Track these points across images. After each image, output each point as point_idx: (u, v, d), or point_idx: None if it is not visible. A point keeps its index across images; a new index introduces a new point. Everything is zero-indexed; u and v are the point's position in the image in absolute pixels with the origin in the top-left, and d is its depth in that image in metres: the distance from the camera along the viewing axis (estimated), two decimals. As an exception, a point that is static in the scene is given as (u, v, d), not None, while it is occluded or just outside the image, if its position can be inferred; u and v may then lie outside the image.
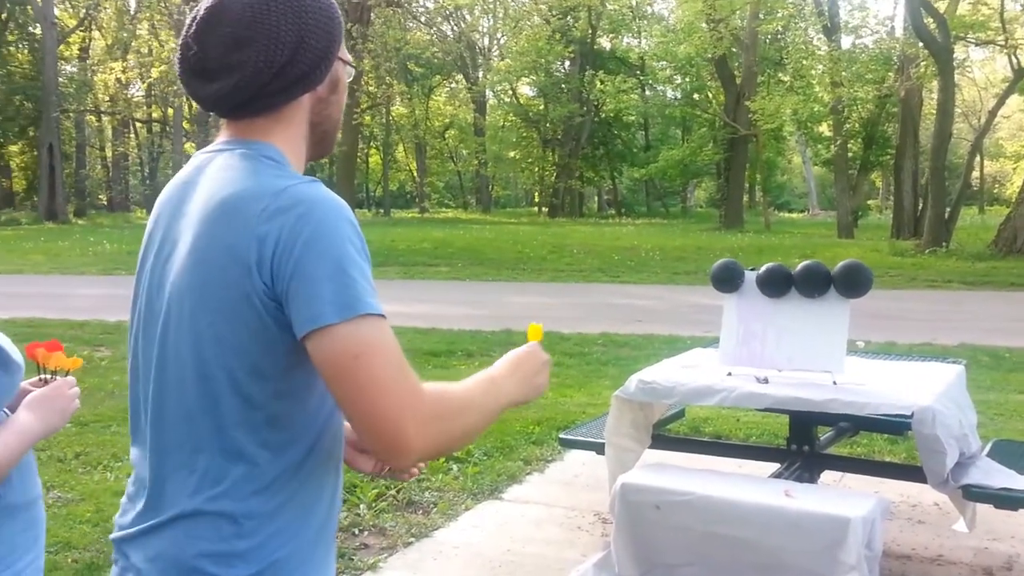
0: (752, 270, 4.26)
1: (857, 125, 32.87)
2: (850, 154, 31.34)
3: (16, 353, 1.73)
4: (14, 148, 40.92)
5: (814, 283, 4.06)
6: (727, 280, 4.26)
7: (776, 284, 4.15)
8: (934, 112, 22.98)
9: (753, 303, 4.20)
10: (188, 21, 1.37)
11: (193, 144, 40.95)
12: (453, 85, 50.01)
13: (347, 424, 1.36)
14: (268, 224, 1.23)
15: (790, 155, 50.77)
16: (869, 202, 44.34)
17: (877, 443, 5.42)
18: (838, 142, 28.24)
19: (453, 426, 1.31)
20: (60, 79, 37.38)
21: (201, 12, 1.35)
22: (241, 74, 1.31)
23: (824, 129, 35.89)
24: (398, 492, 4.69)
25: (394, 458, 1.26)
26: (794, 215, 49.39)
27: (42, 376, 1.80)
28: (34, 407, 1.74)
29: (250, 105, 1.35)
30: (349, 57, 1.46)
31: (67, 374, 1.83)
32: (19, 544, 1.74)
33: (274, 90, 1.34)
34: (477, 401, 1.37)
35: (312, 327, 1.21)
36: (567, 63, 44.33)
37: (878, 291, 14.30)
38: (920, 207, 23.74)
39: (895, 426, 3.80)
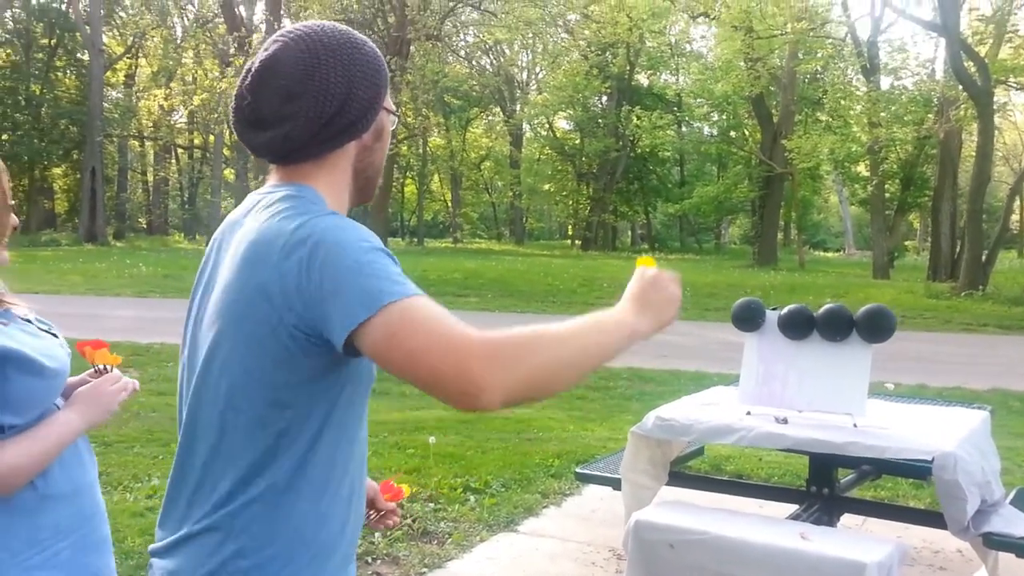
0: (774, 310, 4.24)
1: (895, 166, 32.65)
2: (887, 194, 31.11)
3: (52, 359, 1.81)
4: (58, 170, 41.79)
5: (836, 326, 4.03)
6: (748, 319, 4.24)
7: (798, 326, 4.12)
8: (973, 154, 22.77)
9: (774, 343, 4.17)
10: (243, 73, 1.45)
11: (232, 170, 41.58)
12: (490, 118, 50.42)
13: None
14: (287, 261, 1.30)
15: (827, 194, 50.50)
16: (907, 243, 43.93)
17: (902, 487, 5.33)
18: (875, 182, 28.05)
19: (531, 357, 1.27)
20: (105, 104, 38.19)
21: (256, 65, 1.42)
22: (292, 124, 1.39)
23: (862, 169, 35.68)
24: (414, 522, 4.69)
25: (476, 400, 1.24)
26: (829, 254, 49.04)
27: (96, 368, 1.94)
28: (76, 403, 1.87)
29: (299, 153, 1.42)
30: (393, 106, 1.53)
31: (111, 370, 1.96)
32: (62, 528, 1.79)
33: (322, 139, 1.41)
34: (561, 335, 1.33)
35: (349, 329, 1.25)
36: (604, 98, 44.52)
37: (911, 333, 14.26)
38: (957, 249, 23.49)
39: (918, 471, 3.74)
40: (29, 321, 1.86)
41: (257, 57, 1.44)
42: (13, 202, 1.93)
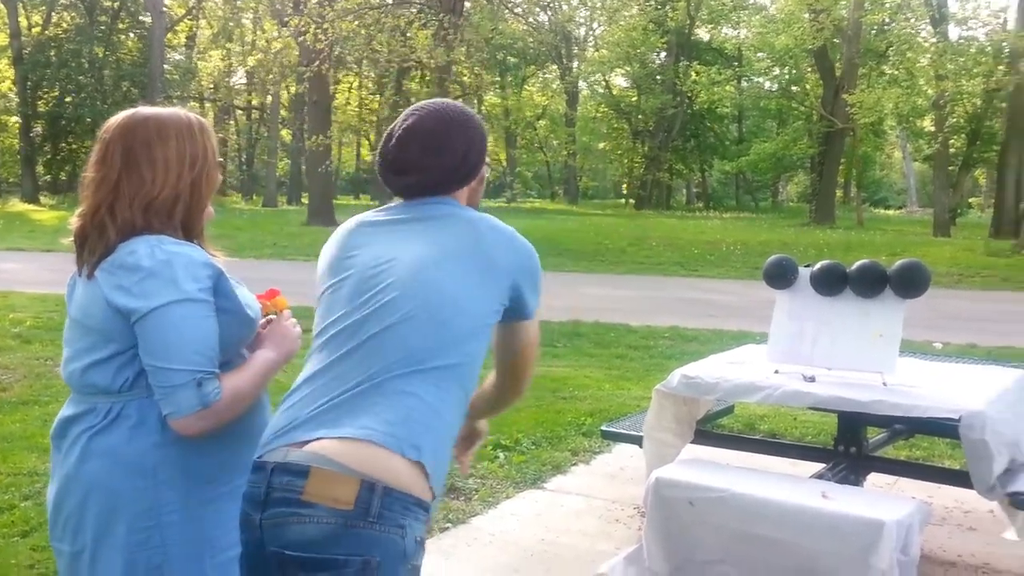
0: (807, 267, 4.16)
1: (961, 120, 31.64)
2: (953, 150, 30.21)
3: (252, 309, 2.05)
4: (120, 133, 42.38)
5: (869, 282, 3.95)
6: (779, 276, 4.18)
7: (830, 282, 4.05)
8: (1043, 108, 21.96)
9: (806, 300, 4.10)
10: (387, 136, 2.02)
11: (289, 131, 41.92)
12: (546, 75, 49.95)
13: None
14: (515, 254, 1.94)
15: (890, 150, 49.25)
16: (971, 200, 42.71)
17: (937, 447, 5.24)
18: (940, 138, 27.23)
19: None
20: (166, 66, 38.64)
21: (399, 131, 1.99)
22: (428, 173, 1.95)
23: (927, 123, 34.67)
24: (442, 477, 4.73)
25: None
26: (890, 212, 47.92)
27: (268, 316, 2.16)
28: (267, 342, 2.10)
29: (433, 192, 1.97)
30: (490, 160, 2.11)
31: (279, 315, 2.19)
32: (243, 464, 1.90)
33: (450, 182, 1.97)
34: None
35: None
36: (662, 54, 43.78)
37: (967, 291, 13.92)
38: (1022, 206, 22.76)
39: (948, 430, 3.65)
40: None
41: (398, 125, 2.00)
42: (220, 159, 2.10)
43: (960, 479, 3.70)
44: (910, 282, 3.88)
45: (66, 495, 1.96)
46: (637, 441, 4.26)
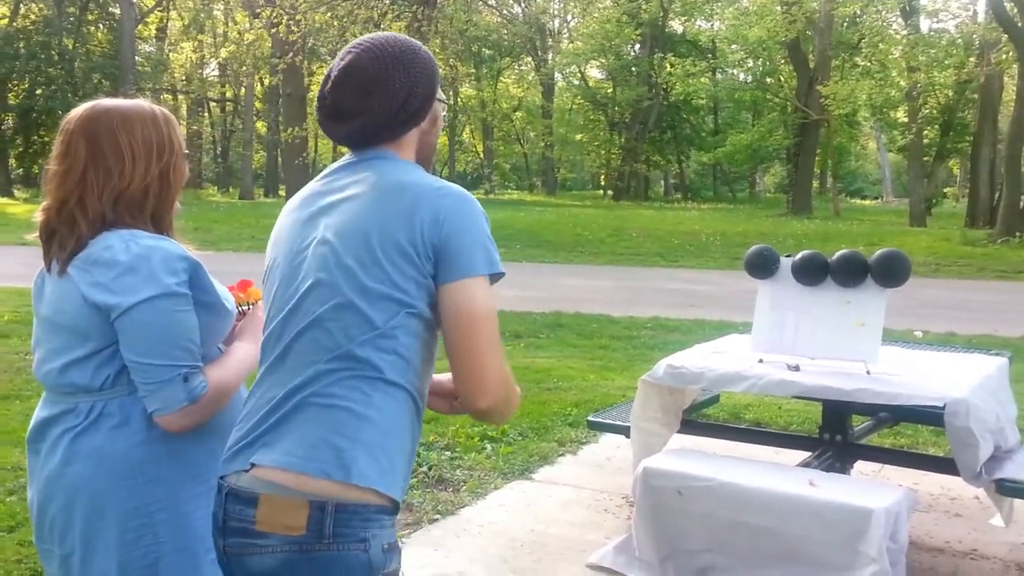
0: (788, 257, 4.18)
1: (934, 111, 31.91)
2: (926, 141, 30.47)
3: (229, 303, 2.04)
4: (92, 126, 41.92)
5: (850, 272, 3.98)
6: (761, 266, 4.20)
7: (811, 272, 4.07)
8: (1015, 99, 22.19)
9: (787, 290, 4.13)
10: (324, 79, 1.79)
11: (264, 123, 41.64)
12: (522, 67, 49.88)
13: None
14: (439, 201, 1.64)
15: (865, 140, 49.60)
16: (946, 190, 43.14)
17: (922, 434, 5.29)
18: (913, 128, 27.47)
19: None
20: (137, 58, 38.23)
21: (335, 72, 1.76)
22: (367, 118, 1.73)
23: (900, 115, 34.94)
24: (430, 469, 4.74)
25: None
26: (866, 202, 48.31)
27: (241, 309, 2.15)
28: (244, 334, 2.10)
29: (375, 139, 1.77)
30: (444, 96, 1.86)
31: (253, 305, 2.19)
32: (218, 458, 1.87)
33: (393, 126, 1.75)
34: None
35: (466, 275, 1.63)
36: (637, 46, 43.83)
37: (945, 280, 14.07)
38: (996, 196, 23.02)
39: (933, 417, 3.69)
40: None
41: (335, 66, 1.77)
42: (187, 152, 2.06)
43: (946, 466, 3.74)
44: (891, 271, 3.91)
45: (50, 498, 1.92)
46: (624, 431, 4.28)
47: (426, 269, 1.61)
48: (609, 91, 46.07)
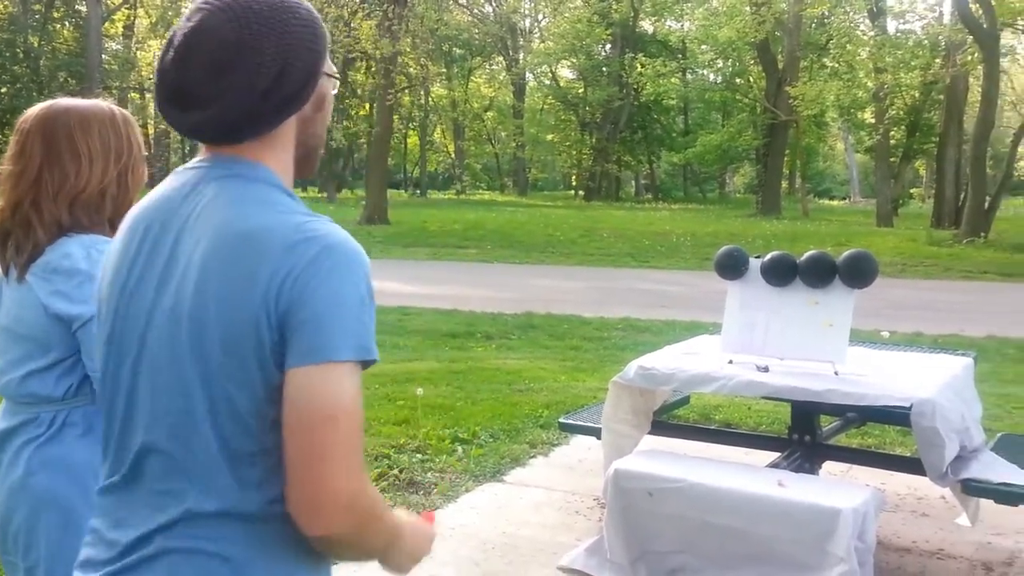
0: (757, 257, 4.21)
1: (901, 112, 32.27)
2: (893, 141, 30.82)
3: None
4: (58, 124, 41.44)
5: (818, 273, 4.01)
6: (730, 267, 4.22)
7: (780, 273, 4.10)
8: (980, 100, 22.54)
9: (757, 291, 4.15)
10: (164, 46, 1.31)
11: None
12: (493, 67, 49.90)
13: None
14: (289, 256, 1.20)
15: (832, 141, 50.06)
16: (912, 191, 43.64)
17: (889, 434, 5.34)
18: (880, 129, 27.78)
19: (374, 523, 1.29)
20: (104, 56, 37.81)
21: (179, 38, 1.29)
22: (224, 102, 1.26)
23: (868, 116, 35.32)
24: (400, 472, 4.72)
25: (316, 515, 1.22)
26: (835, 202, 48.76)
27: None
28: None
29: (235, 133, 1.29)
30: (334, 70, 1.41)
31: None
32: None
33: (259, 116, 1.28)
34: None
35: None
36: (607, 46, 44.00)
37: (911, 280, 14.23)
38: (962, 197, 23.33)
39: (899, 417, 3.72)
40: None
41: (179, 28, 1.29)
42: (146, 153, 2.00)
43: (912, 466, 3.78)
44: (858, 272, 3.95)
45: (13, 510, 1.89)
46: (595, 433, 4.28)
47: (261, 333, 1.19)
48: (580, 91, 46.23)
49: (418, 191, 47.84)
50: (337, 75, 1.42)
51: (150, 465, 1.27)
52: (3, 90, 36.22)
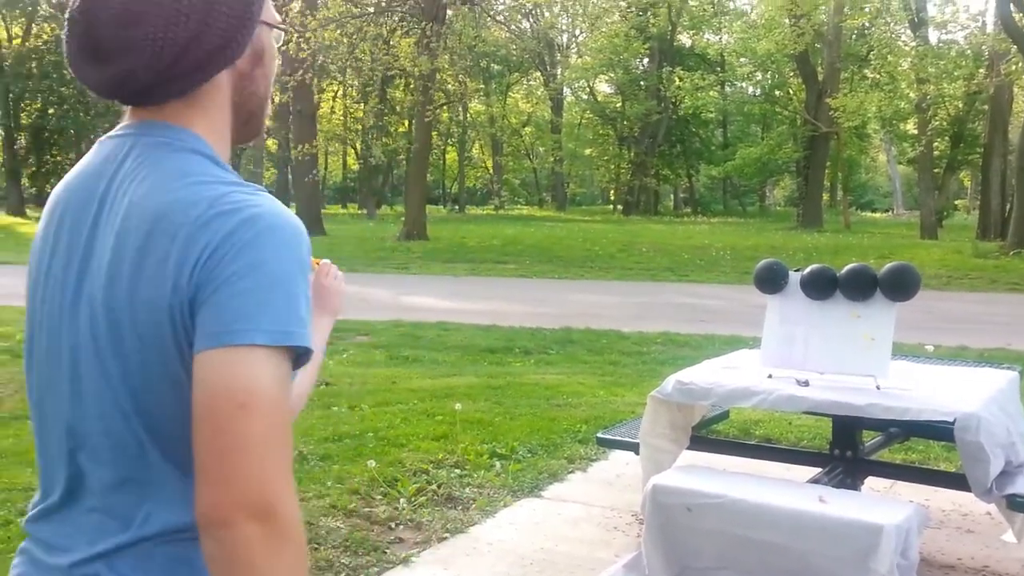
0: (797, 271, 4.18)
1: (944, 123, 31.88)
2: (936, 152, 30.43)
3: None
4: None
5: (859, 286, 3.97)
6: (770, 280, 4.20)
7: (820, 286, 4.07)
8: (1024, 109, 22.20)
9: (796, 305, 4.12)
10: None
11: (275, 140, 41.81)
12: (530, 82, 50.08)
13: None
14: (204, 232, 1.05)
15: (875, 153, 49.57)
16: (957, 202, 43.03)
17: (933, 450, 5.26)
18: (923, 140, 27.44)
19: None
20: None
21: None
22: (137, 55, 1.09)
23: (910, 126, 34.92)
24: (439, 487, 4.73)
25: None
26: (877, 215, 48.22)
27: None
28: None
29: (155, 91, 1.12)
30: (277, 17, 1.22)
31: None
32: None
33: (181, 71, 1.11)
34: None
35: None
36: (645, 60, 43.98)
37: (957, 293, 14.01)
38: (1008, 208, 22.95)
39: (943, 432, 3.67)
40: None
41: None
42: None
43: (957, 482, 3.73)
44: (900, 285, 3.91)
45: None
46: (633, 448, 4.27)
47: (172, 316, 1.05)
48: (618, 105, 46.24)
49: (457, 207, 48.07)
50: (281, 24, 1.25)
51: (87, 481, 1.12)
52: (51, 111, 37.04)
